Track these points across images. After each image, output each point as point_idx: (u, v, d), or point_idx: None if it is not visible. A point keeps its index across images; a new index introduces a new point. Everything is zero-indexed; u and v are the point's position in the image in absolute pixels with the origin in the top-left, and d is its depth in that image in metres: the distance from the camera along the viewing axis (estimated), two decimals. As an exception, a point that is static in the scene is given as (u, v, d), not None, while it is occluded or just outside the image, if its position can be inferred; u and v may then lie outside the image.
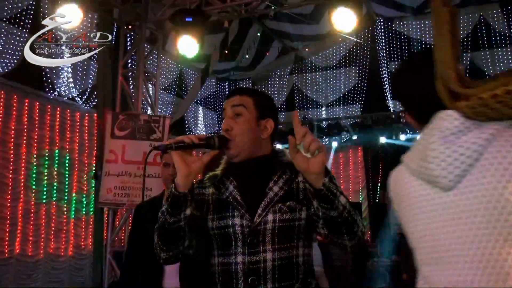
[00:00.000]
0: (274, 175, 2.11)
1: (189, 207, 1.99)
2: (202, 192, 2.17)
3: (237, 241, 2.03)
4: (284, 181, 2.09)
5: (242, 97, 2.16)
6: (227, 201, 2.08)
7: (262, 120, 2.16)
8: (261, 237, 2.01)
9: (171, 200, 1.96)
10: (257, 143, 2.13)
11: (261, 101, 2.18)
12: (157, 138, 6.68)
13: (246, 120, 2.11)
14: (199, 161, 2.00)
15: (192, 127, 14.29)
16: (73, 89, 10.83)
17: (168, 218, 1.97)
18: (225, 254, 2.05)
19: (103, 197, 6.52)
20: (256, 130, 2.13)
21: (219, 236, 2.08)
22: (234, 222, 2.04)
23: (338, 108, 15.31)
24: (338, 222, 1.87)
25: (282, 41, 14.12)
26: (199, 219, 2.10)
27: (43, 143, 10.42)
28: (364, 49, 14.50)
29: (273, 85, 15.77)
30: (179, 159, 1.97)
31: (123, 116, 6.69)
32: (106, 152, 6.62)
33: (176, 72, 13.37)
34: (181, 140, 1.97)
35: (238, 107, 2.12)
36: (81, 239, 11.19)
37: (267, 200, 2.05)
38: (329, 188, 1.80)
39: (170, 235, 2.01)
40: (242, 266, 2.00)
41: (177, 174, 1.97)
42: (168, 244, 2.03)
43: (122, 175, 6.47)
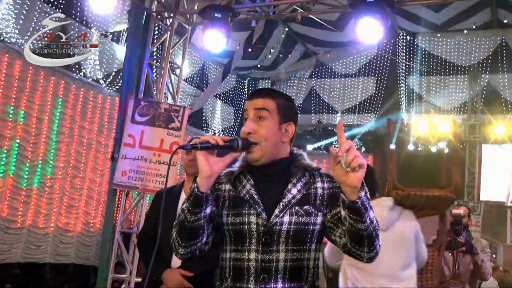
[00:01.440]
0: (293, 177, 2.11)
1: (209, 206, 2.00)
2: (218, 188, 2.15)
3: (252, 238, 2.03)
4: (302, 185, 2.09)
5: (266, 100, 2.13)
6: (244, 199, 2.08)
7: (284, 124, 2.14)
8: (276, 237, 2.01)
9: (192, 200, 1.97)
10: (278, 147, 2.13)
11: (284, 104, 2.16)
12: (175, 127, 6.70)
13: (269, 124, 2.10)
14: (221, 162, 2.00)
15: (209, 120, 14.35)
16: (98, 71, 10.93)
17: (188, 217, 1.98)
18: (238, 250, 2.06)
19: (118, 179, 6.56)
20: (278, 134, 2.12)
21: (233, 232, 2.08)
22: (250, 220, 2.04)
23: (352, 115, 15.29)
24: (362, 235, 1.88)
25: (305, 45, 14.13)
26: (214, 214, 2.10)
27: (64, 121, 10.53)
28: (384, 61, 14.46)
29: (292, 87, 15.78)
30: (203, 160, 1.96)
31: (145, 103, 6.73)
32: (124, 135, 6.65)
33: (199, 65, 13.42)
34: (206, 141, 1.96)
35: (262, 111, 2.10)
36: (91, 217, 11.30)
37: (285, 201, 2.05)
38: (363, 202, 1.81)
39: (189, 233, 2.01)
40: (254, 263, 2.01)
41: (200, 174, 1.97)
42: (186, 240, 2.03)
43: (138, 160, 6.50)
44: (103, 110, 11.36)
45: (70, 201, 10.83)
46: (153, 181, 6.55)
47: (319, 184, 2.10)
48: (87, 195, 11.19)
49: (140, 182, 6.54)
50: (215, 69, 13.88)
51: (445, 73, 14.13)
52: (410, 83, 14.37)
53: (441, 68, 14.02)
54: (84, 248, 11.19)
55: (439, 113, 14.20)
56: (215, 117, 14.71)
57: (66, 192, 10.75)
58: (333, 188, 2.08)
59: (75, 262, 11.13)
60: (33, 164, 10.00)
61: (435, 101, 14.32)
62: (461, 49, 13.90)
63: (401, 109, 14.31)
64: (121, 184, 6.59)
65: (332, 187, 2.09)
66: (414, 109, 14.38)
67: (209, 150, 1.98)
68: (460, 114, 14.24)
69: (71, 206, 10.86)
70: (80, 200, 11.03)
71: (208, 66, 13.78)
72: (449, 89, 14.26)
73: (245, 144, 2.05)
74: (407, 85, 14.34)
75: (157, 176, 6.57)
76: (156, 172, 6.57)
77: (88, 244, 11.25)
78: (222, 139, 1.99)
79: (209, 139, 1.97)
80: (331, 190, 2.08)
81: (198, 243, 2.04)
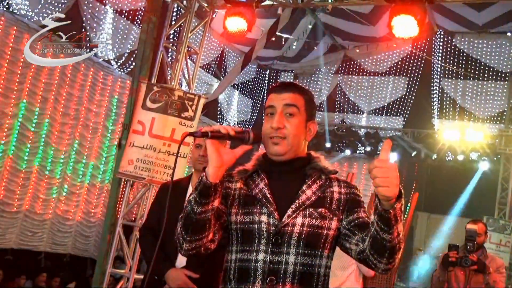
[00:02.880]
0: (308, 178, 2.15)
1: (218, 198, 2.02)
2: (228, 186, 2.19)
3: (261, 238, 2.06)
4: (317, 187, 2.13)
5: (295, 95, 2.17)
6: (256, 198, 2.11)
7: (309, 122, 2.19)
8: (287, 238, 2.04)
9: (200, 189, 1.99)
10: (301, 145, 2.17)
11: (310, 102, 2.21)
12: (189, 116, 6.71)
13: (298, 121, 2.14)
14: (231, 154, 2.03)
15: (224, 111, 14.37)
16: (110, 51, 11.00)
17: (195, 208, 2.00)
18: (245, 250, 2.09)
19: (123, 168, 6.58)
20: (304, 132, 2.17)
21: (242, 232, 2.11)
22: (261, 219, 2.07)
23: (379, 117, 15.22)
24: (385, 245, 1.91)
25: (333, 38, 14.08)
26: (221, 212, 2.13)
27: (71, 102, 10.61)
28: (417, 61, 14.37)
29: (316, 81, 15.73)
30: (213, 149, 2.00)
31: (158, 89, 6.74)
32: (134, 122, 6.67)
33: (218, 52, 13.44)
34: (217, 130, 1.99)
35: (291, 107, 2.14)
36: (92, 206, 11.39)
37: (299, 202, 2.08)
38: (396, 214, 1.84)
39: (195, 226, 2.03)
40: (262, 264, 2.04)
41: (209, 164, 2.00)
42: (191, 235, 2.05)
43: (146, 149, 6.52)
44: (113, 93, 11.44)
45: (71, 188, 10.93)
46: (161, 173, 6.57)
47: (335, 188, 2.15)
48: (90, 182, 11.28)
49: (147, 172, 6.56)
50: (235, 57, 13.89)
51: (483, 78, 14.00)
52: (445, 87, 14.26)
53: (479, 72, 13.90)
54: (82, 238, 11.29)
55: (473, 121, 14.08)
56: (231, 108, 14.73)
57: (68, 178, 10.85)
58: (350, 194, 2.14)
59: (72, 253, 11.24)
60: (34, 145, 10.09)
61: (470, 108, 14.19)
62: (503, 53, 13.75)
63: (432, 113, 14.20)
64: (126, 173, 6.61)
65: (349, 192, 2.14)
66: (446, 114, 14.27)
67: (220, 140, 2.02)
68: (496, 124, 14.10)
69: (71, 193, 10.95)
70: (81, 187, 11.13)
71: (227, 53, 13.80)
72: (486, 95, 14.13)
73: (257, 137, 2.08)
74: (441, 88, 14.22)
75: (165, 167, 6.59)
76: (165, 163, 6.59)
77: (87, 235, 11.34)
78: (234, 129, 2.03)
79: (220, 129, 2.00)
80: (348, 195, 2.13)
81: (204, 238, 2.06)
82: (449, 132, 13.59)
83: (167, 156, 6.59)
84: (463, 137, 13.45)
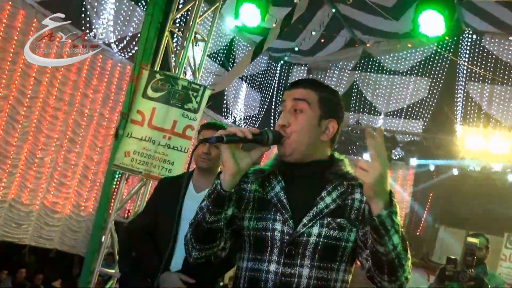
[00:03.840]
0: (329, 184, 2.10)
1: (231, 207, 2.03)
2: (243, 187, 2.16)
3: (274, 248, 2.04)
4: (338, 194, 2.08)
5: (307, 90, 2.14)
6: (271, 202, 2.08)
7: (324, 120, 2.13)
8: (301, 249, 2.01)
9: (214, 198, 1.99)
10: (315, 146, 2.12)
11: (327, 98, 2.16)
12: (192, 108, 6.70)
13: (307, 118, 2.10)
14: (248, 158, 2.03)
15: (230, 105, 14.35)
16: (111, 33, 11.00)
17: (207, 217, 2.00)
18: (257, 259, 2.07)
19: (119, 160, 6.57)
20: (317, 131, 2.13)
21: (254, 239, 2.09)
22: (275, 227, 2.05)
23: (397, 120, 15.18)
24: (382, 260, 1.89)
25: (351, 31, 14.03)
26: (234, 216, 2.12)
27: (66, 86, 10.63)
28: (442, 61, 14.30)
29: (331, 78, 15.70)
30: (229, 155, 1.99)
31: (161, 76, 6.73)
32: (133, 111, 6.66)
33: (227, 40, 13.43)
34: (233, 133, 1.98)
35: (301, 102, 2.11)
36: (83, 199, 11.41)
37: (316, 210, 2.05)
38: (383, 222, 1.82)
39: (206, 235, 2.04)
40: (274, 276, 2.01)
41: (224, 171, 1.99)
42: (201, 243, 2.06)
43: (145, 141, 6.51)
44: (111, 79, 11.44)
45: (61, 178, 10.94)
46: (159, 167, 6.56)
47: (357, 195, 2.10)
48: (82, 173, 11.30)
49: (144, 166, 6.56)
50: (245, 47, 13.87)
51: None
52: (470, 90, 14.19)
53: (509, 76, 13.82)
54: (71, 233, 11.31)
55: (500, 129, 14.02)
56: (238, 102, 14.72)
57: (58, 168, 10.87)
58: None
59: (59, 248, 11.26)
60: (24, 130, 10.11)
61: (496, 115, 14.13)
62: (535, 58, 13.69)
63: (455, 119, 14.14)
64: (122, 166, 6.61)
65: None
66: (470, 121, 14.22)
67: (237, 143, 2.00)
68: (524, 133, 14.04)
69: (61, 184, 10.97)
70: (73, 179, 11.15)
71: (237, 42, 13.78)
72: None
73: (276, 138, 2.06)
74: (466, 92, 14.16)
75: (164, 162, 6.58)
76: (164, 158, 6.58)
77: (76, 230, 11.36)
78: (251, 131, 2.01)
79: (236, 131, 1.99)
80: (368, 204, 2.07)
81: (215, 247, 2.07)
82: (472, 140, 13.53)
83: (167, 150, 6.59)
84: (488, 146, 13.40)
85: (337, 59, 15.43)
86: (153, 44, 7.09)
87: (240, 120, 14.68)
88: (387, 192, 1.85)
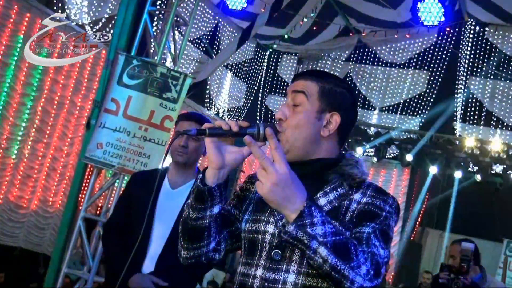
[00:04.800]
0: (328, 185, 2.08)
1: (218, 204, 2.03)
2: (248, 188, 2.20)
3: (263, 251, 2.04)
4: (336, 195, 2.06)
5: (307, 82, 2.11)
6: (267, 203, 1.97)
7: (325, 114, 2.10)
8: (288, 253, 2.00)
9: (195, 193, 2.01)
10: (315, 142, 2.09)
11: (329, 89, 2.11)
12: (171, 98, 6.69)
13: (304, 111, 2.08)
14: (238, 153, 2.02)
15: (213, 95, 14.34)
16: (85, 14, 10.94)
17: (191, 213, 2.03)
18: (248, 263, 2.08)
19: (91, 152, 6.55)
20: (315, 125, 2.08)
21: (248, 242, 2.10)
22: (266, 229, 2.05)
23: (393, 116, 15.25)
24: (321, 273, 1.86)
25: (346, 19, 14.08)
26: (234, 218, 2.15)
27: (34, 70, 10.55)
28: (442, 53, 14.37)
29: (323, 68, 15.73)
30: (213, 148, 1.99)
31: (138, 63, 6.71)
32: (107, 99, 6.64)
33: (211, 25, 13.41)
34: (218, 126, 1.97)
35: (299, 95, 2.09)
36: (51, 194, 11.34)
37: None
38: (295, 237, 1.80)
39: (192, 233, 2.06)
40: (259, 281, 2.01)
41: (208, 164, 2.01)
42: (188, 242, 2.08)
43: (119, 131, 6.49)
44: (84, 64, 11.37)
45: (28, 171, 10.87)
46: (134, 161, 6.55)
47: (356, 196, 2.06)
48: (50, 166, 11.23)
49: (118, 159, 6.55)
50: (231, 32, 13.86)
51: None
52: (471, 86, 14.28)
53: (513, 72, 13.93)
54: (37, 230, 11.25)
55: (502, 129, 14.13)
56: (222, 92, 14.71)
57: (24, 159, 10.79)
58: (370, 205, 2.03)
59: (23, 247, 11.19)
60: (-13, 117, 10.04)
61: (499, 113, 14.23)
62: (541, 52, 13.80)
63: (455, 116, 14.24)
64: (93, 158, 6.59)
65: (370, 203, 2.04)
66: (470, 118, 14.31)
67: (221, 137, 2.00)
68: (528, 133, 14.16)
69: (27, 177, 10.90)
70: (40, 171, 11.08)
71: (222, 28, 13.76)
72: (518, 100, 14.18)
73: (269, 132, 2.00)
74: (467, 87, 14.25)
75: (140, 155, 6.57)
76: (140, 151, 6.57)
77: (42, 227, 11.30)
78: (239, 124, 1.99)
79: (221, 124, 1.98)
80: (367, 206, 2.03)
81: (203, 247, 2.08)
82: (472, 139, 13.63)
83: (143, 142, 6.58)
84: (489, 146, 13.50)
85: (330, 49, 15.48)
86: (130, 27, 7.06)
87: (223, 112, 14.68)
88: (293, 202, 1.81)
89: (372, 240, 1.93)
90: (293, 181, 1.82)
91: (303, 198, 1.83)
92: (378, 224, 1.99)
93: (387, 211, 2.03)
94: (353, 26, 14.47)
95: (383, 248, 1.95)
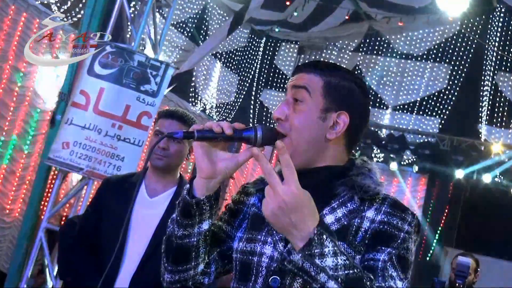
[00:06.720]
0: (336, 199, 2.04)
1: (208, 219, 2.01)
2: (242, 200, 2.18)
3: (258, 276, 2.01)
4: (346, 212, 2.02)
5: (309, 75, 2.07)
6: (264, 220, 1.93)
7: (331, 113, 2.06)
8: (289, 280, 1.95)
9: (181, 206, 1.99)
10: (319, 146, 2.06)
11: (335, 84, 2.08)
12: (150, 91, 6.68)
13: (307, 109, 2.04)
14: (231, 160, 2.00)
15: (200, 88, 14.34)
16: (51, -9, 10.95)
17: (176, 230, 2.01)
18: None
19: (55, 152, 6.54)
20: (319, 126, 2.05)
21: (240, 264, 2.07)
22: (263, 251, 2.02)
23: (408, 116, 15.27)
24: None
25: (355, 2, 14.09)
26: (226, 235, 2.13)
27: (-11, 56, 10.54)
28: (467, 44, 14.40)
29: (327, 59, 15.74)
30: (202, 154, 1.98)
31: (112, 49, 6.72)
32: (75, 91, 6.64)
33: (198, 7, 13.42)
34: (208, 128, 1.94)
35: (300, 90, 2.06)
36: (8, 200, 11.33)
37: None
38: (300, 267, 1.78)
39: (177, 253, 2.03)
40: None
41: (197, 173, 1.99)
42: (173, 263, 2.06)
43: (89, 129, 6.47)
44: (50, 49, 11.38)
45: (-18, 173, 10.88)
46: (106, 164, 6.54)
47: (370, 213, 2.03)
48: (8, 168, 11.22)
49: (87, 162, 6.55)
50: (221, 16, 13.87)
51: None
52: (499, 82, 14.32)
53: (547, 67, 13.99)
54: (-9, 243, 11.25)
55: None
56: (210, 85, 14.71)
57: (-23, 159, 10.80)
58: (385, 224, 2.00)
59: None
60: None
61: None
62: None
63: (480, 117, 14.27)
64: (58, 160, 6.59)
65: (386, 222, 2.00)
66: (497, 120, 14.34)
67: (212, 142, 1.98)
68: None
69: (-19, 181, 10.91)
70: (-5, 174, 11.08)
71: (210, 10, 13.78)
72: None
73: (268, 135, 1.99)
74: (494, 84, 14.28)
75: (112, 157, 6.56)
76: (113, 152, 6.56)
77: (-4, 239, 11.31)
78: (233, 127, 1.96)
79: (212, 126, 1.94)
80: (381, 226, 2.00)
81: (190, 270, 2.06)
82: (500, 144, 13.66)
83: (116, 142, 6.58)
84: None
85: (336, 37, 15.50)
86: (103, 8, 7.08)
87: (211, 108, 14.68)
88: (300, 229, 1.79)
89: (389, 271, 1.91)
90: (304, 205, 1.79)
91: (314, 224, 1.79)
92: (395, 248, 1.95)
93: (405, 231, 1.99)
94: (364, 11, 14.48)
95: (401, 279, 1.92)
